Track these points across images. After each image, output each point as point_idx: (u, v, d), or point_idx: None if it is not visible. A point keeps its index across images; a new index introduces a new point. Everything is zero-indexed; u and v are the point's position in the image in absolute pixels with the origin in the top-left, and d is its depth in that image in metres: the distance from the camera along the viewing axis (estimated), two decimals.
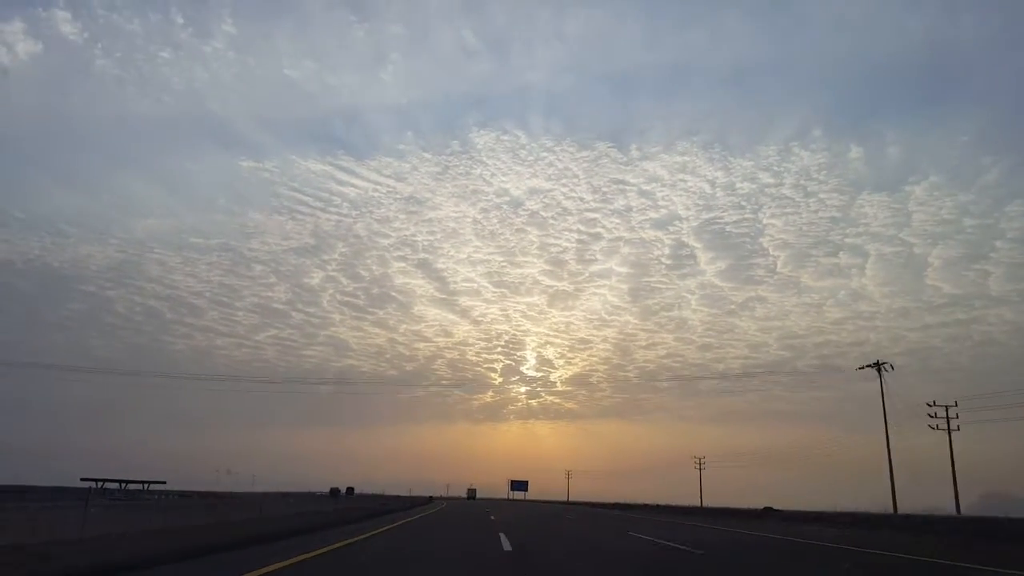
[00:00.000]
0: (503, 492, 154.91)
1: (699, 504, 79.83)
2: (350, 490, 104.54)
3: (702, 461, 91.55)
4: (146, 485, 78.52)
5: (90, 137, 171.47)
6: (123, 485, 76.24)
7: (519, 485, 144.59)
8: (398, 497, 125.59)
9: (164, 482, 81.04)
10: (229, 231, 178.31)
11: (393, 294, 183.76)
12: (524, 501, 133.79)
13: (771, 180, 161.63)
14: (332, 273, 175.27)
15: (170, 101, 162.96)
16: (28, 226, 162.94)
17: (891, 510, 44.67)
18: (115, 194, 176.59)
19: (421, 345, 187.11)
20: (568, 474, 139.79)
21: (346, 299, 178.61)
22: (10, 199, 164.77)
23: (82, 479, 71.83)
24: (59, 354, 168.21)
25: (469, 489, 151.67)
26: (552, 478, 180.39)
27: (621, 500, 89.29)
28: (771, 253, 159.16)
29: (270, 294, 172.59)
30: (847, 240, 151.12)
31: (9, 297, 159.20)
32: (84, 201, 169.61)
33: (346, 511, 34.02)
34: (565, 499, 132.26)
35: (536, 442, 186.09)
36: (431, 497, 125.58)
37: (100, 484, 71.39)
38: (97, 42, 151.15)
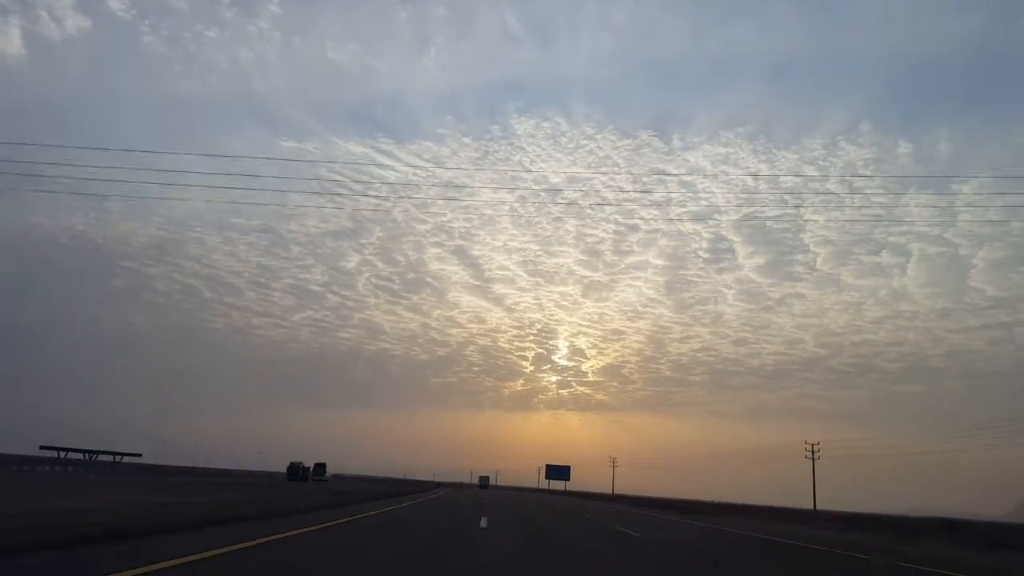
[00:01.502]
0: (532, 480, 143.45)
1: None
2: (319, 468, 76.42)
3: (815, 448, 70.32)
4: (118, 457, 69.64)
5: (135, 114, 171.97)
6: (91, 456, 66.71)
7: (558, 472, 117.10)
8: (403, 481, 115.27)
9: (140, 455, 71.94)
10: (269, 212, 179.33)
11: (428, 280, 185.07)
12: (558, 495, 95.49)
13: (815, 174, 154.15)
14: (368, 257, 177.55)
15: (215, 79, 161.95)
16: (73, 201, 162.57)
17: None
18: (158, 171, 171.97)
19: (454, 331, 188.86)
20: (613, 462, 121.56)
21: (381, 283, 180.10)
22: (56, 173, 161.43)
23: (41, 447, 62.17)
24: (102, 329, 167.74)
25: (481, 477, 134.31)
26: (590, 470, 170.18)
27: (675, 496, 73.71)
28: (812, 249, 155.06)
29: (307, 276, 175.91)
30: (890, 239, 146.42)
31: (54, 271, 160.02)
32: (128, 177, 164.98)
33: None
34: (610, 492, 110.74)
35: (569, 432, 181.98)
36: (438, 484, 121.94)
37: (63, 454, 61.70)
38: (144, 19, 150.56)
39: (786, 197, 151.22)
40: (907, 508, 55.09)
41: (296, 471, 70.50)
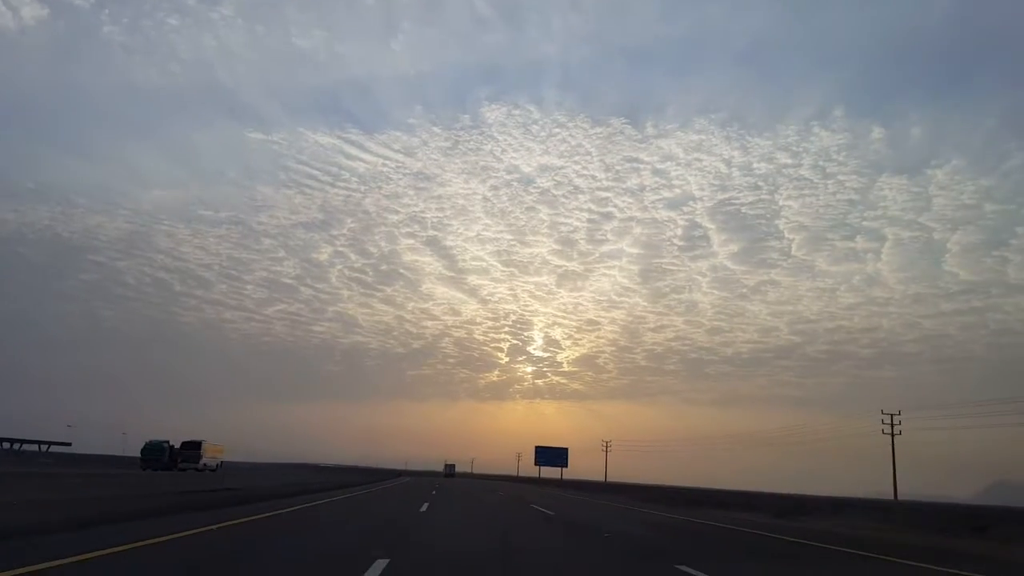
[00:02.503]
0: (510, 468, 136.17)
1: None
2: (189, 449, 50.32)
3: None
4: (44, 447, 61.04)
5: (98, 106, 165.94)
6: (16, 445, 58.20)
7: (552, 455, 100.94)
8: (371, 471, 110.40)
9: (69, 444, 63.34)
10: (238, 204, 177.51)
11: (402, 271, 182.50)
12: (551, 485, 77.91)
13: (789, 160, 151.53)
14: (341, 248, 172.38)
15: (177, 70, 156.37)
16: (38, 196, 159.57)
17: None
18: (124, 164, 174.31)
19: (429, 323, 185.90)
20: (607, 447, 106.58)
21: (355, 275, 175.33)
22: (20, 169, 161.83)
23: None
24: (71, 324, 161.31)
25: (447, 464, 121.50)
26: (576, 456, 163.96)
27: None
28: (786, 236, 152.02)
29: (279, 268, 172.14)
30: (865, 224, 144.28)
31: (19, 267, 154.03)
32: (93, 171, 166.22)
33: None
34: (604, 481, 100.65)
35: (546, 420, 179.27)
36: (400, 473, 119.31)
37: None
38: (104, 7, 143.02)
39: (760, 183, 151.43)
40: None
41: (155, 453, 48.30)
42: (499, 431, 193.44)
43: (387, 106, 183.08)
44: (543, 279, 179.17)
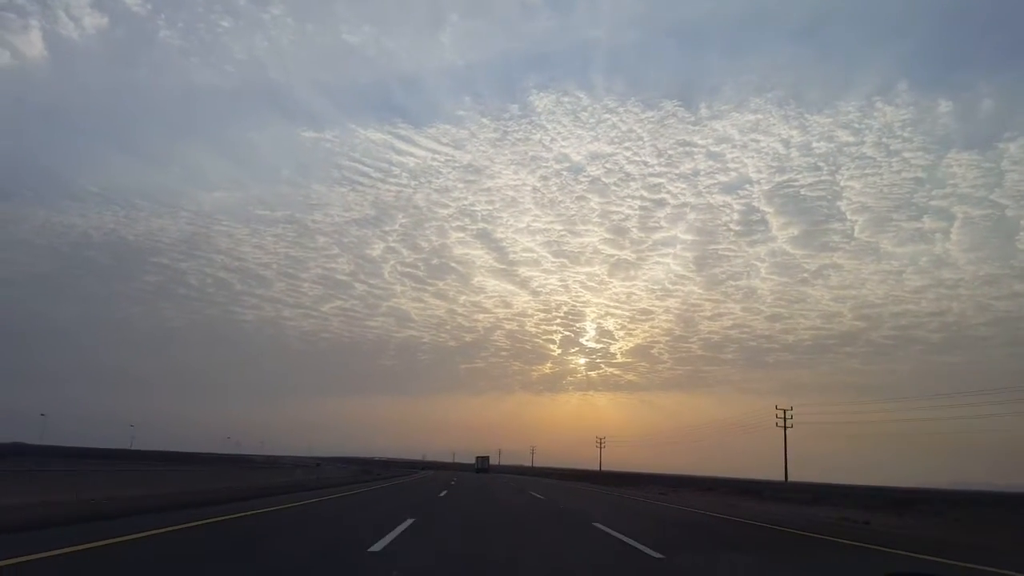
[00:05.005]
0: (569, 460, 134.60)
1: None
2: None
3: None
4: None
5: (157, 109, 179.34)
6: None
7: None
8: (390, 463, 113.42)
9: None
10: (293, 202, 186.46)
11: (453, 265, 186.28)
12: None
13: (851, 138, 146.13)
14: (393, 244, 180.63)
15: (232, 71, 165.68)
16: (103, 200, 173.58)
17: None
18: (183, 166, 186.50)
19: (480, 316, 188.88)
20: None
21: (407, 270, 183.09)
22: (84, 174, 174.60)
23: None
24: (136, 325, 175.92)
25: (478, 457, 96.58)
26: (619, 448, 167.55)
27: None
28: (849, 217, 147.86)
29: (334, 265, 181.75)
30: (932, 202, 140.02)
31: (89, 270, 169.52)
32: (154, 174, 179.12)
33: None
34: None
35: (605, 411, 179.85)
36: (423, 466, 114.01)
37: None
38: (160, 13, 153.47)
39: (820, 164, 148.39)
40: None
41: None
42: (556, 421, 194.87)
43: (436, 99, 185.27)
44: (595, 269, 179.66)
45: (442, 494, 23.57)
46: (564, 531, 12.21)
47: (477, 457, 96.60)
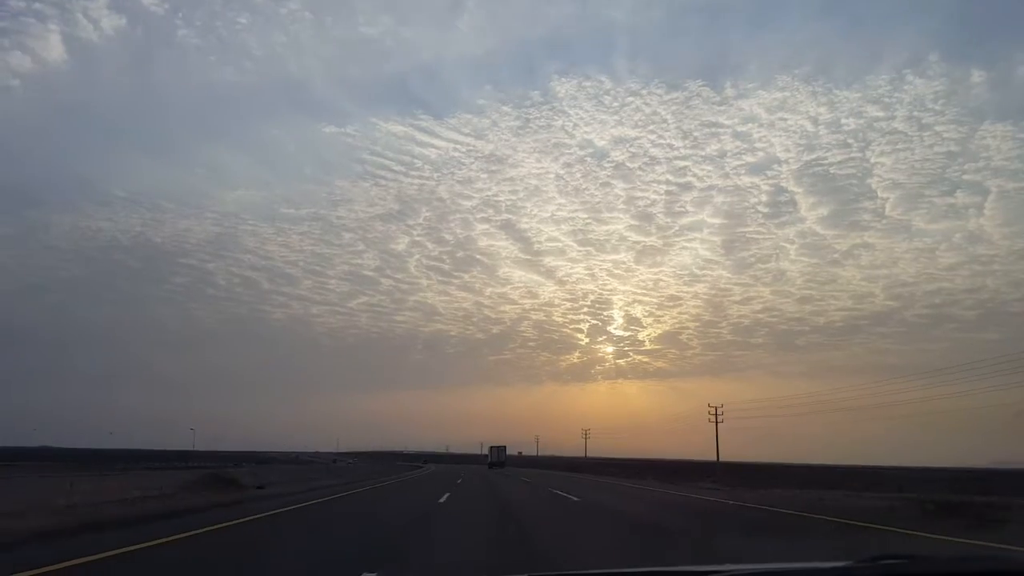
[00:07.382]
0: (616, 450, 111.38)
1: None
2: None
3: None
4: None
5: (178, 109, 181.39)
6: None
7: None
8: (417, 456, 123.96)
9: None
10: (317, 199, 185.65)
11: (478, 256, 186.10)
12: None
13: (881, 113, 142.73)
14: (417, 238, 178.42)
15: (251, 67, 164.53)
16: (130, 203, 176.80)
17: None
18: (206, 166, 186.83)
19: (507, 308, 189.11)
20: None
21: (432, 263, 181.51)
22: (111, 178, 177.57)
23: None
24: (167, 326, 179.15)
25: (492, 448, 79.70)
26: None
27: None
28: (880, 195, 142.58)
29: (359, 261, 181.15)
30: (965, 177, 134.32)
31: (118, 274, 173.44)
32: (178, 175, 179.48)
33: None
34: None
35: (628, 399, 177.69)
36: (426, 461, 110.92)
37: None
38: (178, 12, 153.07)
39: (850, 141, 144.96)
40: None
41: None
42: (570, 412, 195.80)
43: (456, 88, 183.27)
44: (621, 256, 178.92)
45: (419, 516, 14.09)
46: None
47: (491, 448, 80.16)
